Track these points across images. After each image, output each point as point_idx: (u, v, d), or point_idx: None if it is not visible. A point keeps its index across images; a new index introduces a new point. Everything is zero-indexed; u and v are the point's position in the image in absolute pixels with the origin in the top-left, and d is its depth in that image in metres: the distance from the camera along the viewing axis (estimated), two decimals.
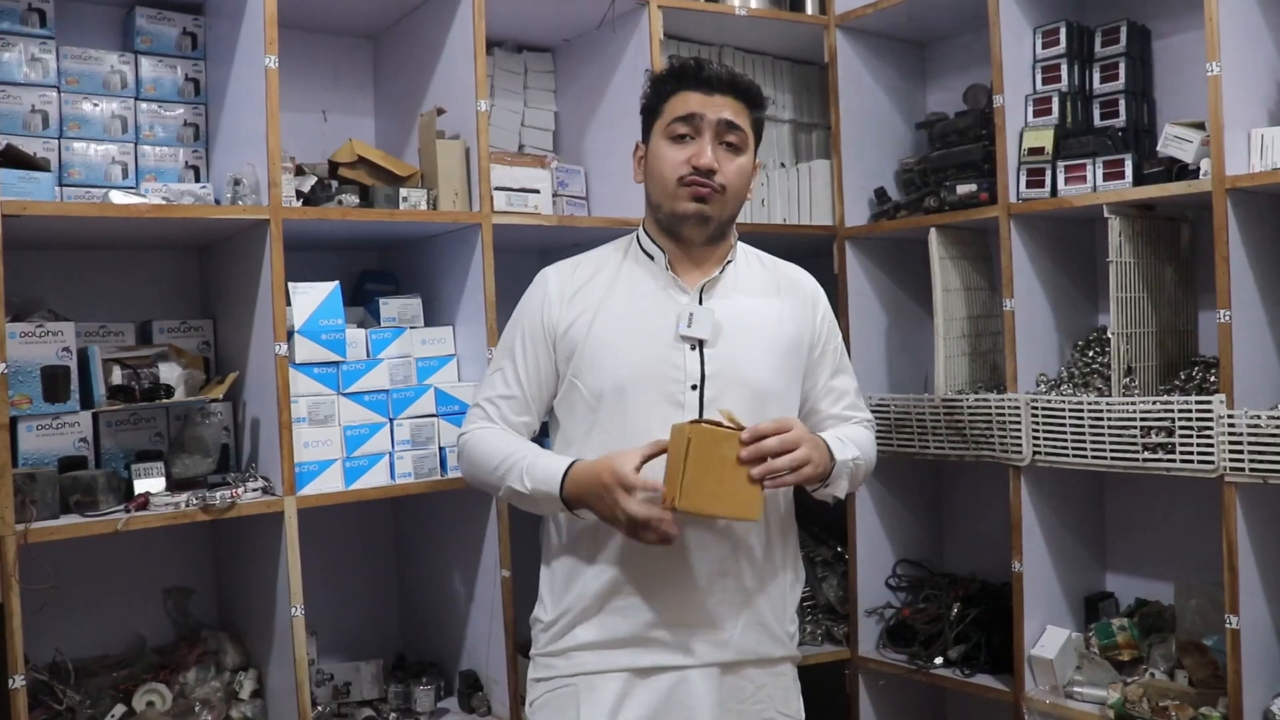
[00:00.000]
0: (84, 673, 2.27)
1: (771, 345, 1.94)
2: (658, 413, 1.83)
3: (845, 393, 2.07)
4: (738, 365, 1.89)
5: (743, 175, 1.91)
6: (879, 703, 3.05)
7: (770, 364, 1.93)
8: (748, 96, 1.91)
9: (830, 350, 2.05)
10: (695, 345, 1.87)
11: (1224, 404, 2.24)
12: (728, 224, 1.94)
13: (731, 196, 1.90)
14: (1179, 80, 2.63)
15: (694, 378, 1.86)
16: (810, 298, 2.04)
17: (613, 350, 1.88)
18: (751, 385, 1.89)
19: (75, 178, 2.37)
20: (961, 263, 2.82)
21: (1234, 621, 2.23)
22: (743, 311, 1.93)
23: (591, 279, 1.95)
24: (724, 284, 1.95)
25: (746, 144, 1.91)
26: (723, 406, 1.78)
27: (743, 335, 1.91)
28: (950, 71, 3.15)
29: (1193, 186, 2.31)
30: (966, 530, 3.18)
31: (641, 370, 1.86)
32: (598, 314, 1.91)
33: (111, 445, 2.29)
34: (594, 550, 1.89)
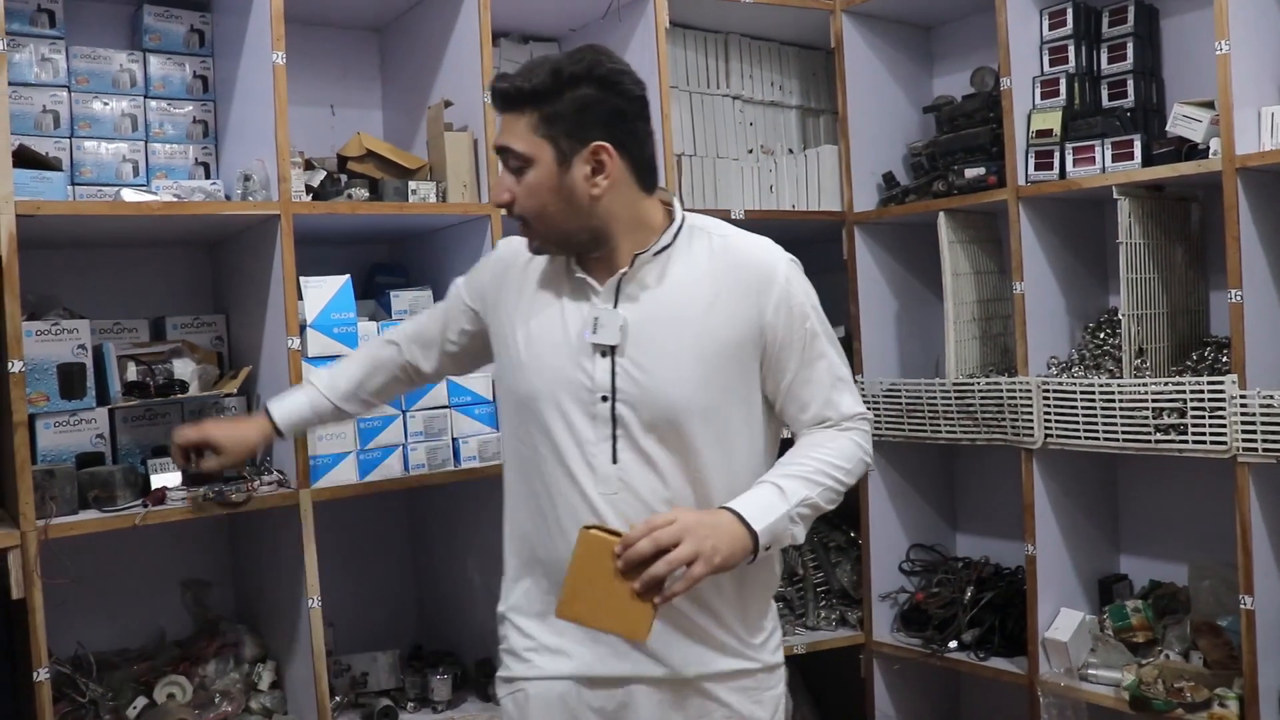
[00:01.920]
0: (106, 666, 2.29)
1: (698, 351, 1.65)
2: (574, 423, 1.65)
3: (809, 402, 1.72)
4: (651, 377, 1.63)
5: (533, 194, 1.63)
6: (893, 686, 3.05)
7: (693, 374, 1.64)
8: (519, 102, 1.62)
9: (793, 345, 1.70)
10: (605, 352, 1.65)
11: (1236, 384, 2.23)
12: (577, 236, 1.66)
13: (539, 219, 1.64)
14: (1188, 59, 2.61)
15: (603, 389, 1.64)
16: (759, 282, 1.68)
17: (519, 354, 1.71)
18: (665, 402, 1.63)
19: (87, 176, 2.38)
20: (971, 246, 2.82)
21: (1248, 602, 2.23)
22: (663, 311, 1.66)
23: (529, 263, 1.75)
24: (644, 277, 1.67)
25: (530, 159, 1.61)
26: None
27: (660, 340, 1.65)
28: (957, 54, 3.13)
29: (1202, 166, 2.30)
30: (979, 514, 3.18)
31: (554, 379, 1.67)
32: (514, 313, 1.74)
33: (128, 441, 2.31)
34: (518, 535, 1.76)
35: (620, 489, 1.64)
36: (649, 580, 1.48)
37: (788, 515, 1.60)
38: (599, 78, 1.60)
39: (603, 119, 1.62)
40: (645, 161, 1.67)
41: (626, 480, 1.64)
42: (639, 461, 1.64)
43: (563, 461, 1.66)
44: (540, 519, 1.70)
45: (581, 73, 1.60)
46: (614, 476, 1.64)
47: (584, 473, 1.65)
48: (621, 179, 1.64)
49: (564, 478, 1.66)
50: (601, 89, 1.61)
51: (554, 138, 1.61)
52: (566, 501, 1.66)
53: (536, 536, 1.70)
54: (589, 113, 1.61)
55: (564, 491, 1.66)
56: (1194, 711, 2.30)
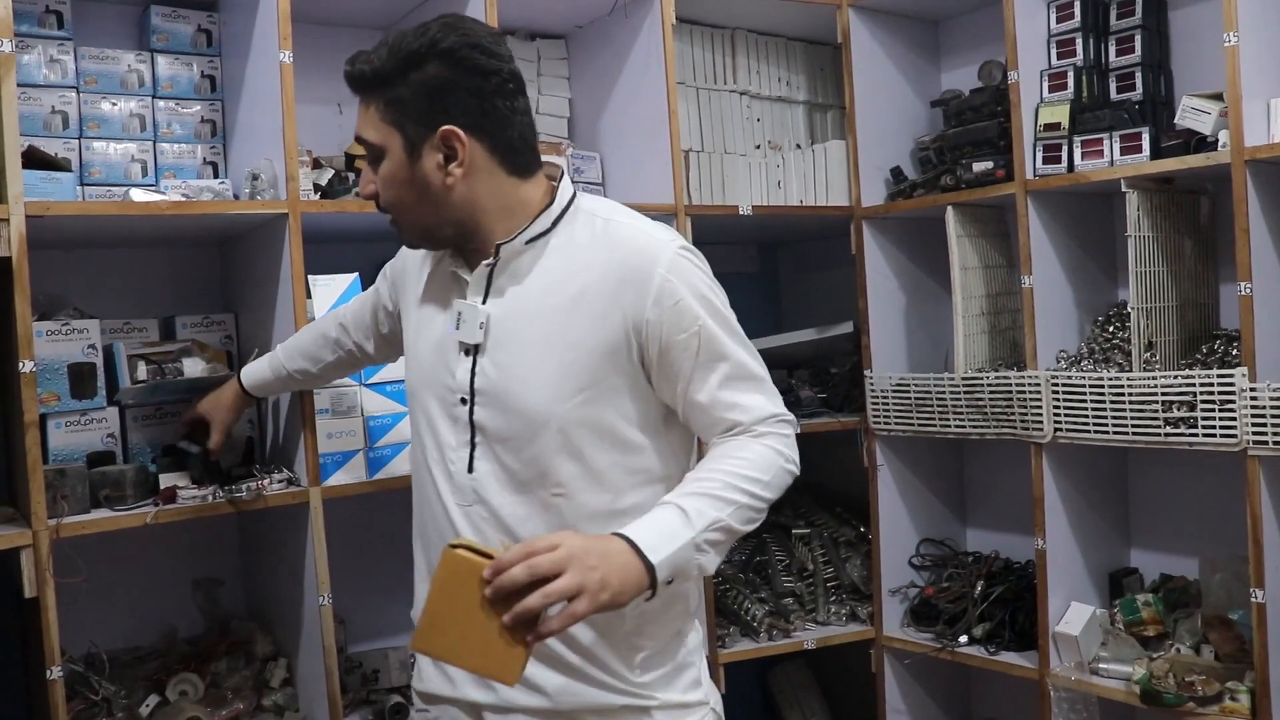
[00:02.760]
0: (118, 664, 2.30)
1: (558, 353, 1.48)
2: (439, 425, 1.56)
3: (712, 408, 1.51)
4: (509, 381, 1.49)
5: (388, 186, 1.51)
6: (904, 682, 3.05)
7: (554, 379, 1.47)
8: (363, 87, 1.49)
9: (682, 346, 1.48)
10: (470, 351, 1.53)
11: (1246, 377, 2.22)
12: (440, 228, 1.53)
13: (402, 210, 1.52)
14: (1196, 51, 2.60)
15: (463, 390, 1.52)
16: (636, 272, 1.47)
17: (408, 345, 1.66)
18: (523, 408, 1.48)
19: (96, 177, 2.39)
20: (979, 240, 2.81)
21: (1259, 595, 2.22)
22: (527, 306, 1.51)
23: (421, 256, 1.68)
24: (515, 268, 1.52)
25: (381, 149, 1.49)
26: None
27: (521, 340, 1.50)
28: (964, 48, 3.12)
29: (1211, 158, 2.29)
30: (989, 508, 3.17)
31: (425, 377, 1.59)
32: (410, 305, 1.67)
33: (138, 440, 2.31)
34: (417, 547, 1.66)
35: (475, 501, 1.51)
36: (520, 615, 1.26)
37: (692, 543, 1.38)
38: (444, 53, 1.44)
39: (452, 101, 1.45)
40: (510, 143, 1.50)
41: (481, 493, 1.51)
42: (496, 473, 1.51)
43: (429, 466, 1.57)
44: (419, 525, 1.63)
45: (423, 49, 1.44)
46: (469, 487, 1.52)
47: (444, 480, 1.55)
48: (481, 165, 1.48)
49: (429, 483, 1.57)
50: (449, 67, 1.44)
51: (400, 124, 1.47)
52: (430, 509, 1.56)
53: (419, 539, 1.63)
54: (434, 95, 1.45)
55: (429, 498, 1.57)
56: (1205, 705, 2.29)
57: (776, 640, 2.91)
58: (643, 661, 1.54)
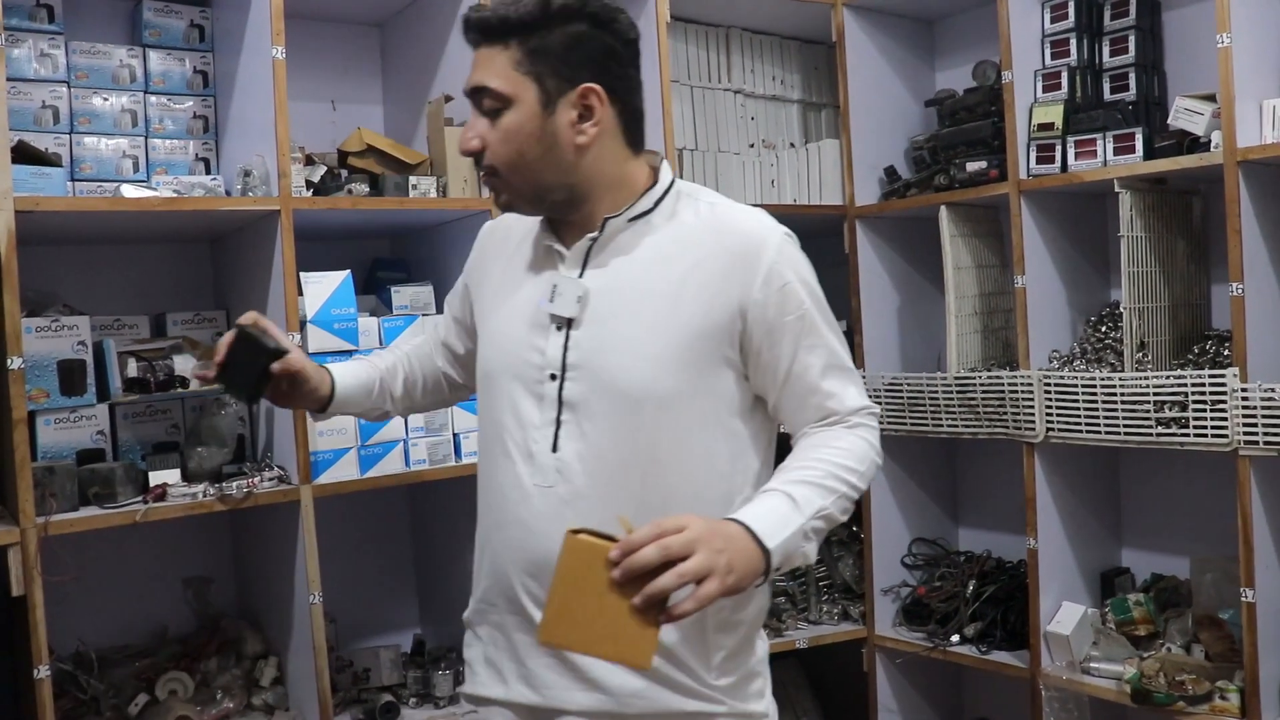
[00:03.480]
0: (107, 662, 2.29)
1: (667, 330, 1.45)
2: (520, 405, 1.49)
3: (809, 396, 1.51)
4: (609, 356, 1.45)
5: (509, 139, 1.44)
6: (896, 681, 3.05)
7: (660, 356, 1.44)
8: (501, 34, 1.43)
9: (785, 330, 1.48)
10: (562, 325, 1.48)
11: (1237, 377, 2.23)
12: (553, 191, 1.48)
13: (513, 169, 1.45)
14: (1189, 52, 2.61)
15: (554, 366, 1.47)
16: (747, 253, 1.47)
17: (486, 327, 1.59)
18: (623, 386, 1.44)
19: (87, 172, 2.38)
20: (973, 240, 2.81)
21: (1249, 595, 2.23)
22: (631, 282, 1.47)
23: (508, 237, 1.63)
24: (617, 245, 1.49)
25: (510, 99, 1.43)
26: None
27: (624, 316, 1.46)
28: (959, 48, 3.13)
29: (1204, 159, 2.29)
30: (981, 508, 3.18)
31: (504, 353, 1.53)
32: (491, 289, 1.61)
33: (128, 437, 2.31)
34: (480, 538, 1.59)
35: (557, 481, 1.45)
36: (653, 595, 1.22)
37: (801, 530, 1.38)
38: (592, 14, 1.43)
39: (595, 59, 1.44)
40: (635, 113, 1.50)
41: (565, 472, 1.45)
42: (582, 452, 1.45)
43: (506, 448, 1.50)
44: (487, 513, 1.55)
45: (575, 5, 1.42)
46: (551, 467, 1.46)
47: (522, 461, 1.48)
48: (609, 130, 1.46)
49: (503, 467, 1.50)
50: (595, 25, 1.43)
51: (539, 75, 1.42)
52: (501, 495, 1.50)
53: (485, 535, 1.55)
54: (580, 50, 1.43)
55: (499, 484, 1.50)
56: (1195, 704, 2.29)
57: (769, 639, 2.89)
58: (720, 663, 1.50)
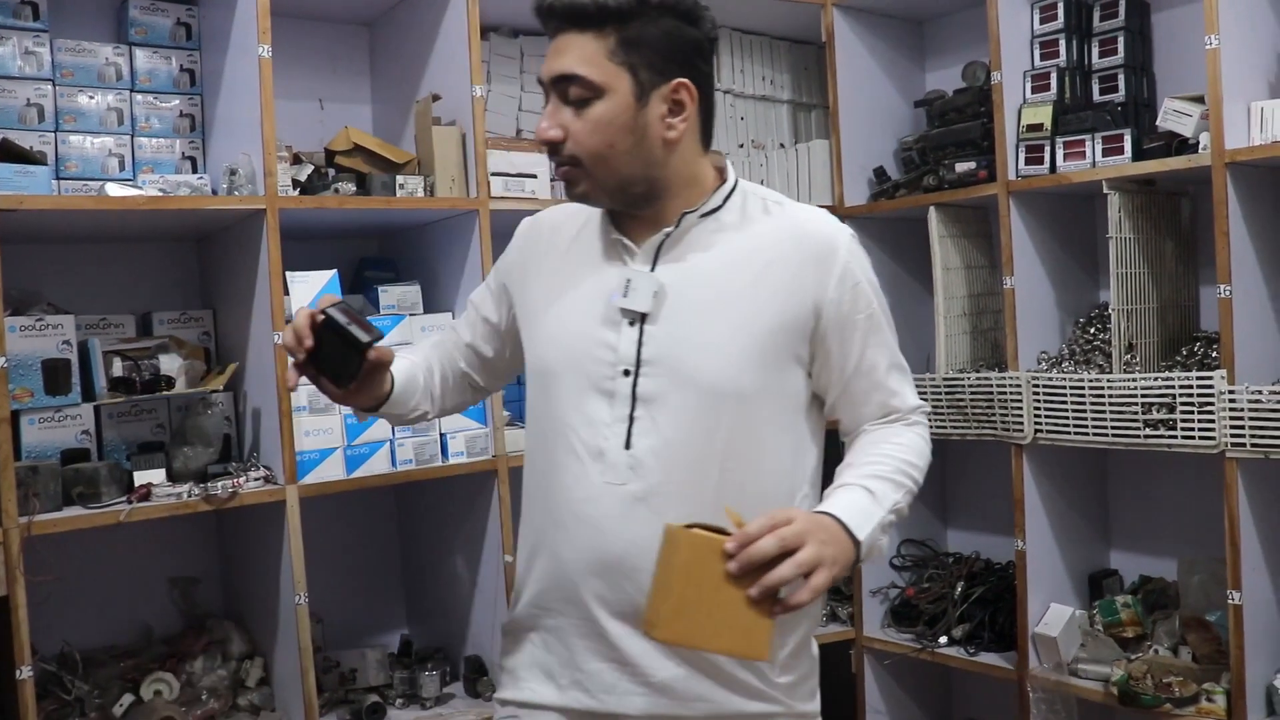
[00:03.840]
0: (92, 663, 2.28)
1: (745, 326, 1.45)
2: (585, 402, 1.46)
3: (873, 393, 1.53)
4: (687, 351, 1.44)
5: (599, 130, 1.41)
6: (884, 682, 3.05)
7: (738, 352, 1.44)
8: (597, 21, 1.40)
9: (855, 328, 1.49)
10: (635, 320, 1.45)
11: (1225, 380, 2.23)
12: (635, 184, 1.46)
13: (598, 161, 1.42)
14: (1178, 54, 2.61)
15: (627, 361, 1.44)
16: (822, 251, 1.48)
17: (545, 327, 1.53)
18: (702, 381, 1.43)
19: (72, 171, 2.36)
20: (962, 241, 2.81)
21: (1236, 597, 2.23)
22: (707, 278, 1.46)
23: (555, 233, 1.60)
24: (692, 243, 1.48)
25: (602, 89, 1.40)
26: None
27: (702, 311, 1.45)
28: (949, 49, 3.13)
29: (1192, 161, 2.30)
30: (970, 509, 3.18)
31: (568, 350, 1.49)
32: (545, 280, 1.57)
33: (113, 437, 2.30)
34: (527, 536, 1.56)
35: (630, 479, 1.42)
36: (770, 586, 1.24)
37: (881, 523, 1.41)
38: (687, 9, 1.43)
39: (687, 53, 1.43)
40: (710, 111, 1.50)
41: (639, 469, 1.42)
42: (657, 448, 1.42)
43: (569, 445, 1.47)
44: (545, 514, 1.51)
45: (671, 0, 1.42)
46: (624, 464, 1.43)
47: (590, 459, 1.44)
48: (691, 126, 1.46)
49: (569, 464, 1.46)
50: (688, 20, 1.43)
51: (633, 66, 1.40)
52: (566, 493, 1.46)
53: (540, 536, 1.51)
54: (674, 44, 1.42)
55: (564, 482, 1.46)
56: (1182, 706, 2.30)
57: None
58: (784, 661, 1.50)
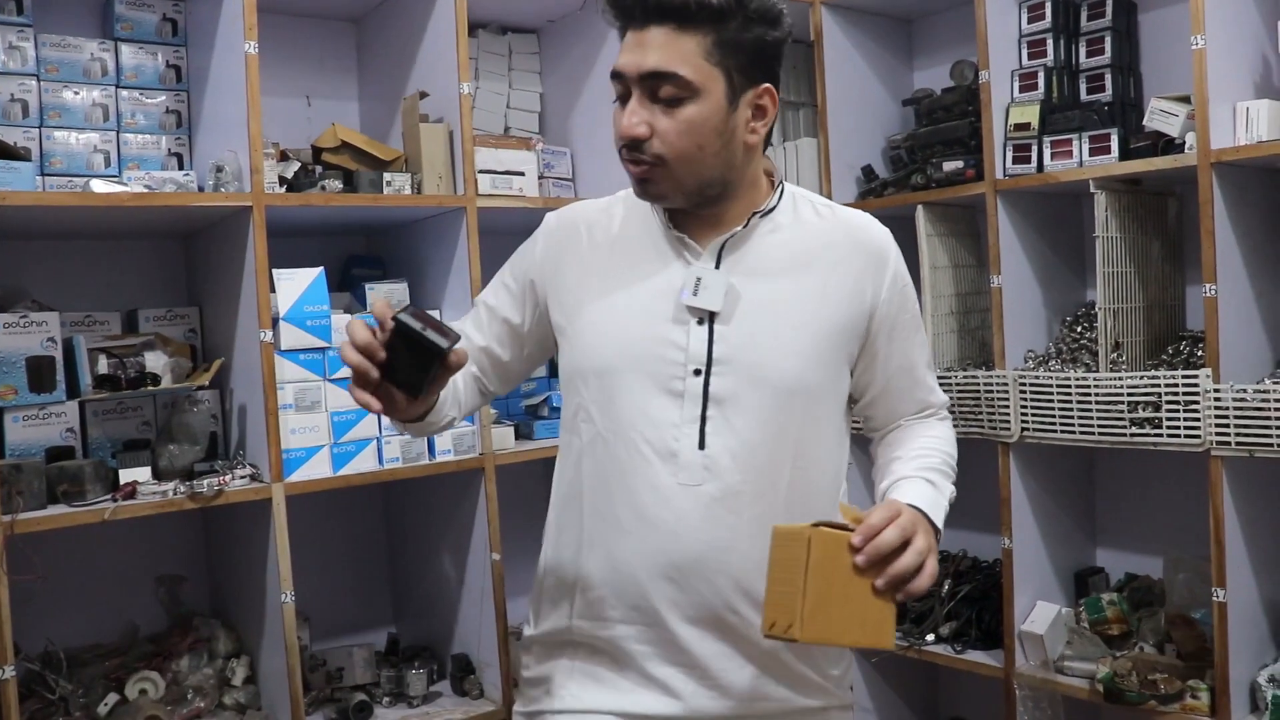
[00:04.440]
0: (76, 662, 2.27)
1: (811, 325, 1.47)
2: (651, 402, 1.44)
3: (914, 389, 1.61)
4: (759, 350, 1.44)
5: (691, 131, 1.38)
6: (872, 680, 3.06)
7: (806, 351, 1.46)
8: (695, 19, 1.37)
9: (903, 325, 1.56)
10: (704, 319, 1.45)
11: (1210, 378, 2.23)
12: (712, 186, 1.45)
13: (683, 162, 1.40)
14: (1165, 53, 2.61)
15: (697, 360, 1.43)
16: (877, 254, 1.53)
17: (597, 325, 1.49)
18: (774, 379, 1.44)
19: (57, 167, 2.35)
20: (949, 240, 2.81)
21: (1221, 594, 2.24)
22: (775, 280, 1.47)
23: (590, 230, 1.57)
24: (753, 243, 1.49)
25: (698, 90, 1.37)
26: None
27: (770, 310, 1.46)
28: (937, 48, 3.13)
29: (1178, 160, 2.30)
30: (956, 507, 3.01)
31: (631, 349, 1.46)
32: (586, 277, 1.53)
33: (99, 435, 2.29)
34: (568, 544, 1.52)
35: (705, 479, 1.42)
36: (897, 575, 1.27)
37: (944, 512, 1.49)
38: (779, 17, 1.43)
39: (773, 59, 1.44)
40: (777, 116, 1.52)
41: (714, 469, 1.42)
42: (731, 447, 1.43)
43: (635, 446, 1.44)
44: (599, 519, 1.47)
45: (774, 8, 1.42)
46: (699, 464, 1.42)
47: (661, 460, 1.43)
48: (767, 130, 1.48)
49: (637, 466, 1.44)
50: (775, 26, 1.43)
51: (726, 69, 1.39)
52: (634, 497, 1.43)
53: (589, 543, 1.47)
54: (765, 48, 1.42)
55: (633, 486, 1.43)
56: (1167, 703, 2.30)
57: None
58: (835, 652, 1.55)
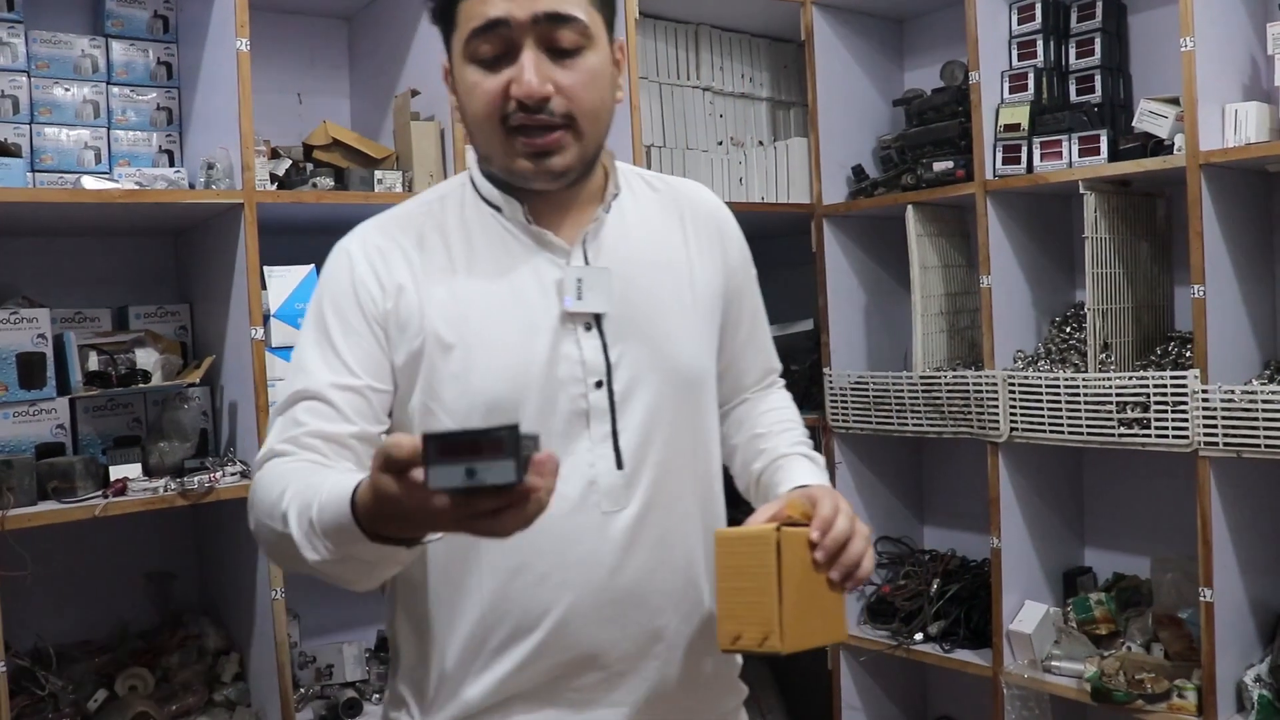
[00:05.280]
0: (66, 658, 2.25)
1: (690, 307, 1.35)
2: (558, 424, 1.24)
3: (758, 358, 1.51)
4: (654, 346, 1.29)
5: (596, 83, 1.23)
6: (860, 679, 3.06)
7: (694, 335, 1.34)
8: None
9: (750, 289, 1.47)
10: (591, 324, 1.27)
11: (1198, 379, 2.24)
12: (592, 158, 1.29)
13: (590, 123, 1.23)
14: (1154, 55, 2.62)
15: (596, 372, 1.26)
16: (721, 219, 1.44)
17: (467, 354, 1.24)
18: (676, 373, 1.31)
19: (47, 163, 2.34)
20: (939, 240, 2.82)
21: (1208, 595, 2.25)
22: (644, 266, 1.32)
23: (421, 245, 1.30)
24: (610, 228, 1.33)
25: (591, 36, 1.22)
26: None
27: (651, 300, 1.31)
28: (928, 48, 3.13)
29: (1167, 162, 2.31)
30: (946, 507, 3.19)
31: (523, 374, 1.24)
32: (439, 302, 1.26)
33: (89, 431, 2.28)
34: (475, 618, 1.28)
35: (628, 499, 1.27)
36: (849, 564, 1.19)
37: None
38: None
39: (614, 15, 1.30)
40: None
41: (636, 486, 1.27)
42: (652, 459, 1.28)
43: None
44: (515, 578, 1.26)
45: None
46: (620, 486, 1.26)
47: (576, 491, 1.24)
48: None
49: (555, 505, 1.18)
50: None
51: (606, 14, 1.26)
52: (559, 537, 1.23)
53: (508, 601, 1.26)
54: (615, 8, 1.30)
55: (553, 530, 1.20)
56: (1154, 703, 2.31)
57: None
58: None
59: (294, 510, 1.10)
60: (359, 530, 1.01)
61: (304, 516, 1.08)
